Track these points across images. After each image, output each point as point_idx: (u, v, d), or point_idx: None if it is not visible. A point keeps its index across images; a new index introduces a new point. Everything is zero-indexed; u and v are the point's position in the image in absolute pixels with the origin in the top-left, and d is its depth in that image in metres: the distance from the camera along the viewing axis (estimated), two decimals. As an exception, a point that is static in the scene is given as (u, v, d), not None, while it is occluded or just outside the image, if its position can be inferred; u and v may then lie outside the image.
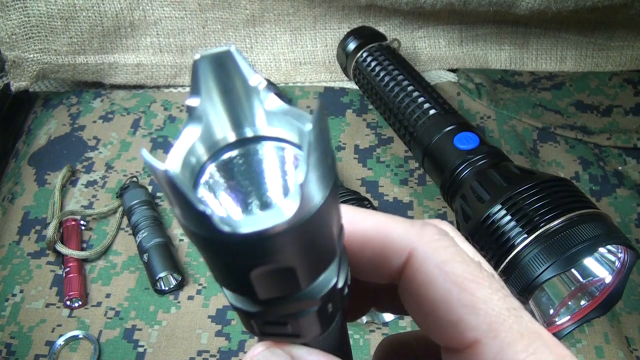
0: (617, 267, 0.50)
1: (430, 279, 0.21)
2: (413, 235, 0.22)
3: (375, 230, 0.22)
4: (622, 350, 0.52)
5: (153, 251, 0.58)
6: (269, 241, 0.16)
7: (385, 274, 0.22)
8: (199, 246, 0.17)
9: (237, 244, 0.16)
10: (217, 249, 0.17)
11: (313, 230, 0.17)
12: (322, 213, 0.17)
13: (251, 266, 0.17)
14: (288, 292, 0.19)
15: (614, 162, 0.67)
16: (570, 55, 0.78)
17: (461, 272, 0.21)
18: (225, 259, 0.17)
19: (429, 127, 0.58)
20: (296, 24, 0.76)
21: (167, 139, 0.72)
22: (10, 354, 0.53)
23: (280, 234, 0.16)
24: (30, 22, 0.71)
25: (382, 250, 0.22)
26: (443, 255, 0.21)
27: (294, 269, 0.18)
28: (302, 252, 0.17)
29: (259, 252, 0.16)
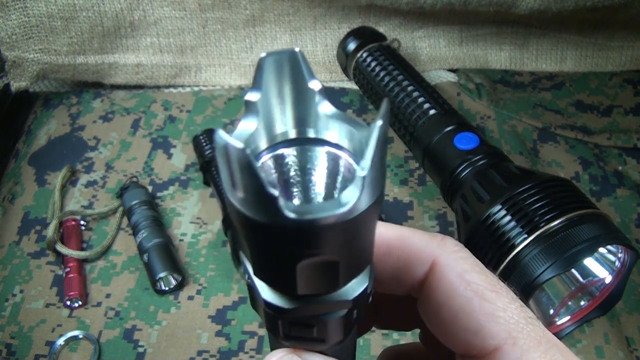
0: (617, 267, 0.50)
1: (453, 288, 0.22)
2: (435, 246, 0.23)
3: (398, 240, 0.23)
4: (622, 350, 0.52)
5: (153, 251, 0.58)
6: (326, 230, 0.16)
7: (406, 284, 0.23)
8: (253, 233, 0.18)
9: (295, 231, 0.16)
10: (273, 236, 0.17)
11: (363, 226, 0.18)
12: (373, 210, 0.17)
13: (301, 256, 0.17)
14: (326, 290, 0.20)
15: (614, 162, 0.67)
16: (570, 56, 0.78)
17: (481, 281, 0.22)
18: (277, 247, 0.17)
19: (429, 127, 0.58)
20: (296, 24, 0.76)
21: (167, 139, 0.72)
22: (11, 354, 0.53)
23: (338, 224, 0.16)
24: (30, 22, 0.71)
25: (406, 259, 0.23)
26: (464, 266, 0.22)
27: (338, 263, 0.18)
28: (350, 247, 0.18)
29: (314, 241, 0.17)
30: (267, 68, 0.18)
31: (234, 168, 0.16)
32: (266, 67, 0.18)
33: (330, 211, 0.16)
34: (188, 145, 0.70)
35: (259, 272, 0.20)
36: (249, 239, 0.18)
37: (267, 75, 0.18)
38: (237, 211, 0.17)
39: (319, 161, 0.20)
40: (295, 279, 0.18)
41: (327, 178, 0.19)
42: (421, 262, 0.23)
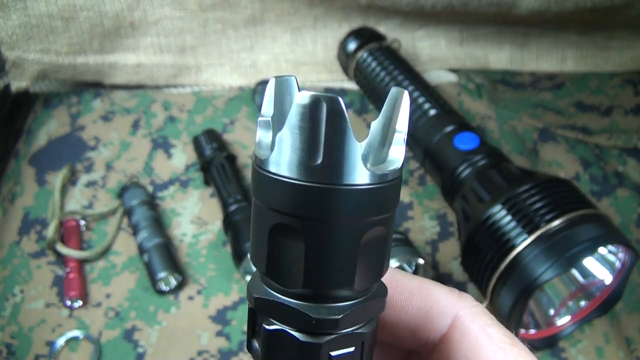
0: (617, 267, 0.50)
1: (478, 342, 0.22)
2: (456, 299, 0.23)
3: (420, 289, 0.24)
4: (622, 350, 0.52)
5: (153, 251, 0.58)
6: (389, 189, 0.19)
7: (423, 336, 0.24)
8: (322, 211, 0.18)
9: (370, 191, 0.19)
10: (351, 198, 0.18)
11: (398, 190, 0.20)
12: (388, 190, 0.20)
13: (367, 225, 0.19)
14: (376, 277, 0.21)
15: (614, 162, 0.67)
16: (570, 56, 0.78)
17: (502, 335, 0.22)
18: (348, 214, 0.19)
19: (429, 128, 0.58)
20: (296, 24, 0.76)
21: (167, 139, 0.72)
22: (11, 354, 0.53)
23: (396, 181, 0.20)
24: (30, 22, 0.71)
25: (428, 310, 0.23)
26: (485, 320, 0.23)
27: (387, 237, 0.20)
28: (393, 217, 0.20)
29: (381, 201, 0.19)
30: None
31: (324, 126, 0.18)
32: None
33: (392, 166, 0.19)
34: (188, 145, 0.70)
35: (312, 277, 0.20)
36: (313, 233, 0.19)
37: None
38: (310, 188, 0.18)
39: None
40: (355, 265, 0.19)
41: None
42: (444, 315, 0.23)
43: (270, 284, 0.20)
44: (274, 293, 0.20)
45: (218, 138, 0.68)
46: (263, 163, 0.19)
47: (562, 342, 0.52)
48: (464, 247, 0.51)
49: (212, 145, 0.66)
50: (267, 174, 0.19)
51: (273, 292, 0.20)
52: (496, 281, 0.46)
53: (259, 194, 0.19)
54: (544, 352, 0.52)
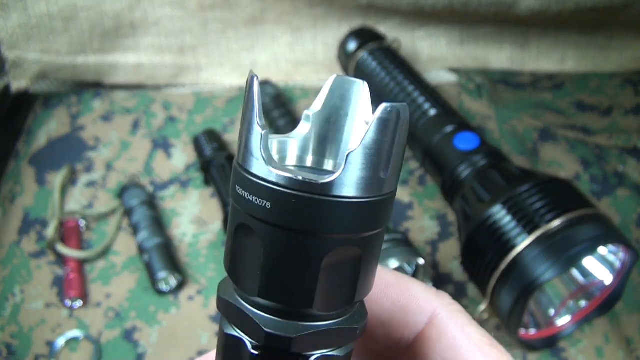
0: (617, 267, 0.50)
1: (456, 342, 0.22)
2: (434, 297, 0.23)
3: (396, 283, 0.23)
4: (622, 350, 0.52)
5: (153, 251, 0.58)
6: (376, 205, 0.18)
7: (398, 332, 0.23)
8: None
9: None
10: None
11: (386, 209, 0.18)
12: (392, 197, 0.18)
13: (332, 242, 0.17)
14: (343, 302, 0.19)
15: (614, 162, 0.67)
16: (570, 56, 0.78)
17: (480, 336, 0.22)
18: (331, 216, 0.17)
19: (429, 128, 0.58)
20: (296, 23, 0.76)
21: (167, 139, 0.72)
22: (11, 354, 0.53)
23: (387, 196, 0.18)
24: (30, 22, 0.71)
25: (404, 305, 0.23)
26: (463, 319, 0.22)
27: (361, 260, 0.18)
28: (373, 239, 0.18)
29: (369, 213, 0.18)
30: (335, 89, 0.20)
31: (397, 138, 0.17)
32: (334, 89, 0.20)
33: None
34: (188, 145, 0.70)
35: (267, 286, 0.18)
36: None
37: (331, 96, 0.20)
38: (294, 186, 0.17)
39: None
40: (316, 283, 0.18)
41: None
42: (421, 311, 0.22)
43: (236, 289, 0.19)
44: (237, 297, 0.19)
45: (218, 138, 0.68)
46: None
47: (562, 342, 0.52)
48: (464, 247, 0.51)
49: (212, 145, 0.66)
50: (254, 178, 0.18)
51: (237, 296, 0.19)
52: (496, 281, 0.46)
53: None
54: (544, 352, 0.52)
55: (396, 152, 0.17)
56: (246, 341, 0.19)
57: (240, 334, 0.19)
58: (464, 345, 0.22)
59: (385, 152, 0.17)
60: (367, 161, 0.17)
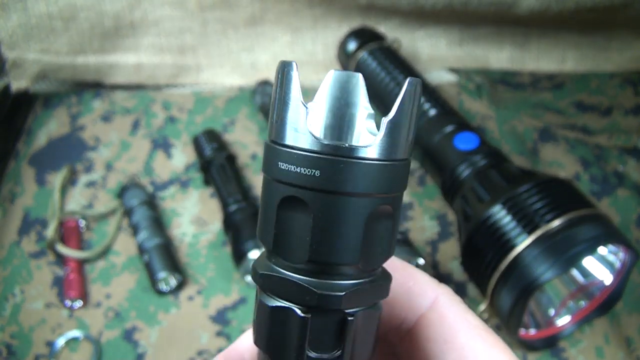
0: (617, 267, 0.50)
1: (457, 327, 0.23)
2: (436, 285, 0.24)
3: (402, 267, 0.24)
4: (622, 350, 0.52)
5: (153, 251, 0.58)
6: (400, 167, 0.21)
7: (401, 315, 0.24)
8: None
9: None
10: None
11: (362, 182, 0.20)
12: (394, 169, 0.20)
13: (374, 201, 0.20)
14: (382, 257, 0.21)
15: (614, 162, 0.67)
16: (570, 56, 0.78)
17: (478, 322, 0.23)
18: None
19: (429, 128, 0.58)
20: (296, 24, 0.76)
21: (167, 139, 0.72)
22: (11, 354, 0.53)
23: (407, 161, 0.21)
24: (30, 22, 0.71)
25: (409, 288, 0.24)
26: (462, 306, 0.24)
27: (394, 217, 0.21)
28: (399, 202, 0.21)
29: (390, 178, 0.20)
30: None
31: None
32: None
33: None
34: (188, 145, 0.70)
35: (319, 249, 0.20)
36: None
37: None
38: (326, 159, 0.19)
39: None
40: (360, 238, 0.20)
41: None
42: (424, 295, 0.24)
43: (277, 261, 0.21)
44: (279, 269, 0.21)
45: (218, 138, 0.68)
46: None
47: (562, 342, 0.52)
48: (464, 247, 0.51)
49: (212, 145, 0.66)
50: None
51: (279, 268, 0.21)
52: (496, 281, 0.46)
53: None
54: (544, 352, 0.52)
55: (416, 119, 0.20)
56: (295, 308, 0.20)
57: (287, 304, 0.21)
58: (463, 329, 0.23)
59: (412, 119, 0.20)
60: (401, 126, 0.20)
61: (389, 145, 0.19)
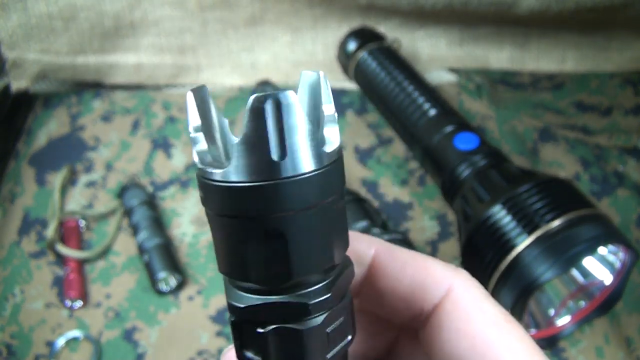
0: (617, 267, 0.50)
1: (470, 315, 0.22)
2: (451, 272, 0.23)
3: (413, 260, 0.24)
4: (622, 350, 0.52)
5: (153, 251, 0.58)
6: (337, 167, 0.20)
7: (417, 307, 0.23)
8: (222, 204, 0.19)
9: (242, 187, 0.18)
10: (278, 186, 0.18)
11: (304, 196, 0.19)
12: (321, 179, 0.19)
13: (331, 203, 0.19)
14: (279, 280, 0.20)
15: (614, 162, 0.67)
16: (570, 56, 0.78)
17: (497, 311, 0.22)
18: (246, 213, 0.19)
19: (429, 128, 0.58)
20: (296, 24, 0.76)
21: (167, 139, 0.72)
22: (11, 354, 0.54)
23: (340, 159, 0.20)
24: (30, 22, 0.71)
25: (422, 279, 0.23)
26: (479, 294, 0.23)
27: (344, 209, 0.20)
28: (296, 221, 0.19)
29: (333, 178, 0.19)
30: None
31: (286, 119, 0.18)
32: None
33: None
34: (188, 145, 0.70)
35: (219, 262, 0.21)
36: (214, 215, 0.20)
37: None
38: (227, 187, 0.19)
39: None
40: (246, 259, 0.19)
41: None
42: (438, 285, 0.23)
43: (253, 290, 0.20)
44: (260, 297, 0.20)
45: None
46: (224, 175, 0.19)
47: (562, 342, 0.52)
48: (464, 247, 0.51)
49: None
50: (231, 184, 0.19)
51: (259, 296, 0.20)
52: (496, 281, 0.46)
53: (228, 206, 0.19)
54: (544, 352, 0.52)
55: (291, 137, 0.19)
56: (290, 326, 0.20)
57: (281, 324, 0.21)
58: (477, 318, 0.22)
59: (272, 138, 0.18)
60: (251, 148, 0.18)
61: (243, 167, 0.19)
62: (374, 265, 0.24)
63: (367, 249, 0.24)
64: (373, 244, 0.24)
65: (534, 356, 0.22)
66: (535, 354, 0.22)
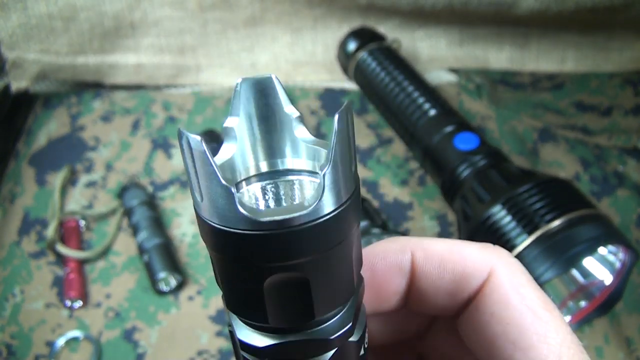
0: (617, 267, 0.50)
1: (507, 299, 0.21)
2: (490, 255, 0.22)
3: (450, 252, 0.22)
4: (622, 350, 0.52)
5: (153, 251, 0.58)
6: (287, 236, 0.16)
7: (460, 297, 0.22)
8: (218, 246, 0.17)
9: (256, 236, 0.16)
10: (235, 243, 0.16)
11: (330, 236, 0.17)
12: (343, 216, 0.17)
13: (266, 269, 0.17)
14: (300, 319, 0.18)
15: (614, 162, 0.67)
16: (570, 56, 0.78)
17: (536, 297, 0.21)
18: (243, 257, 0.17)
19: (429, 128, 0.58)
20: (296, 24, 0.76)
21: (167, 139, 0.72)
22: (11, 354, 0.54)
23: (300, 229, 0.16)
24: (30, 23, 0.71)
25: (462, 271, 0.22)
26: (520, 279, 0.21)
27: (308, 283, 0.17)
28: (318, 263, 0.17)
29: (277, 248, 0.16)
30: (243, 94, 0.18)
31: (195, 164, 0.16)
32: (242, 93, 0.18)
33: (289, 212, 0.16)
34: (188, 145, 0.70)
35: (229, 305, 0.19)
36: (216, 257, 0.18)
37: (243, 101, 0.18)
38: (203, 223, 0.17)
39: (290, 190, 0.20)
40: (264, 304, 0.17)
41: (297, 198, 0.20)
42: (478, 271, 0.22)
43: (270, 329, 0.19)
44: (277, 336, 0.19)
45: (218, 138, 0.68)
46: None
47: None
48: (464, 247, 0.50)
49: (212, 145, 0.66)
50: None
51: (275, 334, 0.19)
52: (496, 281, 0.46)
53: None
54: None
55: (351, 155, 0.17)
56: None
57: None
58: (514, 302, 0.21)
59: (350, 157, 0.17)
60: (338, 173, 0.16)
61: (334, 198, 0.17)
62: (412, 269, 0.23)
63: (403, 256, 0.23)
64: (407, 248, 0.23)
65: (570, 349, 0.20)
66: (572, 346, 0.20)
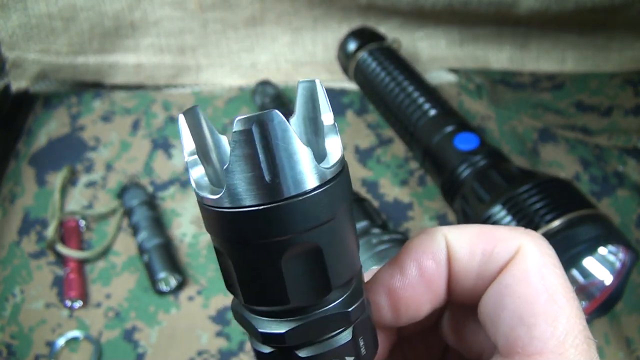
0: (617, 267, 0.50)
1: (526, 280, 0.21)
2: (520, 235, 0.22)
3: (481, 233, 0.22)
4: (622, 350, 0.52)
5: (153, 251, 0.58)
6: (303, 203, 0.18)
7: (488, 277, 0.22)
8: (244, 231, 0.18)
9: (277, 207, 0.18)
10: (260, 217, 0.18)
11: (335, 199, 0.19)
12: (343, 181, 0.19)
13: (284, 242, 0.18)
14: (319, 293, 0.19)
15: (614, 162, 0.67)
16: (570, 56, 0.78)
17: (556, 281, 0.21)
18: (264, 235, 0.18)
19: (429, 128, 0.58)
20: (296, 24, 0.76)
21: (167, 139, 0.72)
22: (11, 354, 0.53)
23: (312, 195, 0.18)
24: (30, 23, 0.71)
25: (492, 250, 0.22)
26: (545, 260, 0.21)
27: (322, 251, 0.19)
28: (329, 230, 0.19)
29: (295, 218, 0.18)
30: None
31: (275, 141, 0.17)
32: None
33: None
34: (188, 145, 0.70)
35: (249, 295, 0.19)
36: (234, 249, 0.19)
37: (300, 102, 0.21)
38: (225, 216, 0.18)
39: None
40: (283, 282, 0.18)
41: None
42: (506, 251, 0.22)
43: (286, 312, 0.20)
44: (295, 318, 0.20)
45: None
46: (233, 201, 0.18)
47: None
48: (464, 247, 0.50)
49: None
50: (245, 209, 0.18)
51: (292, 318, 0.20)
52: (496, 281, 0.46)
53: (251, 234, 0.18)
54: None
55: (282, 156, 0.18)
56: (330, 336, 0.20)
57: (324, 336, 0.21)
58: (533, 283, 0.20)
59: (262, 159, 0.17)
60: (244, 170, 0.18)
61: (237, 191, 0.18)
62: (448, 255, 0.23)
63: (439, 244, 0.23)
64: (440, 234, 0.23)
65: (577, 338, 0.20)
66: (579, 337, 0.20)
